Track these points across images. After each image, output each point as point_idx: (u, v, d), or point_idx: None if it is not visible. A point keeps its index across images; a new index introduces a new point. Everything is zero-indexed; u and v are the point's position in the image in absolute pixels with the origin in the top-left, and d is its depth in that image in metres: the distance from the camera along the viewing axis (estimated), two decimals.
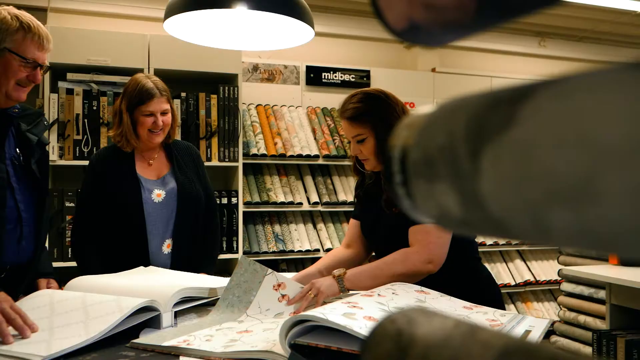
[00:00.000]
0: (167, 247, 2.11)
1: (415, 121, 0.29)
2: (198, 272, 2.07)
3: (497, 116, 0.23)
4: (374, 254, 1.98)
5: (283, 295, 1.58)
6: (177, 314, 1.58)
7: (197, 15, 1.89)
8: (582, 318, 3.43)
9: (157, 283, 1.70)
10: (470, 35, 0.29)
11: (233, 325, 1.45)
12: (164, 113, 2.10)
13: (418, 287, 1.51)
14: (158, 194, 2.11)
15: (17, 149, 1.77)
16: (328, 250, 3.88)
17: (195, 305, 1.64)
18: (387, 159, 0.30)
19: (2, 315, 1.32)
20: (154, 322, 1.49)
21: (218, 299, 1.71)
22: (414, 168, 0.28)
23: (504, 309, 1.76)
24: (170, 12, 1.82)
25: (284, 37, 2.04)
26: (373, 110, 1.75)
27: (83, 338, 1.29)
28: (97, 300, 1.49)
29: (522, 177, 0.21)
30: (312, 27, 1.88)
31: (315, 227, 4.02)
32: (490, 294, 1.76)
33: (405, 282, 1.58)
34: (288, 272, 3.88)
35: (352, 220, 2.02)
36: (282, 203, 3.84)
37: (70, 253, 3.27)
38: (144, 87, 2.08)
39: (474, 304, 1.45)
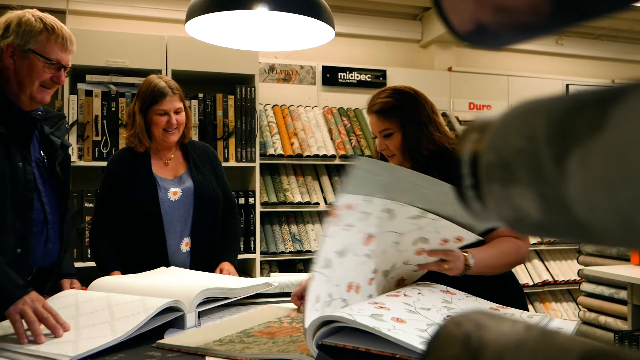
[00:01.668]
0: (185, 246, 2.12)
1: (485, 124, 0.29)
2: (219, 261, 2.10)
3: (584, 120, 0.23)
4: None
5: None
6: (200, 315, 1.59)
7: (219, 17, 1.89)
8: (602, 319, 3.39)
9: (180, 283, 1.71)
10: (540, 36, 0.28)
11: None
12: (177, 112, 2.12)
13: (443, 287, 1.50)
14: (174, 192, 2.12)
15: (41, 152, 1.78)
16: None
17: (218, 306, 1.65)
18: (455, 161, 0.30)
19: (34, 314, 1.33)
20: (177, 323, 1.50)
21: (240, 299, 1.72)
22: (487, 171, 0.27)
23: (527, 309, 1.75)
24: (192, 14, 1.82)
25: (305, 37, 2.04)
26: (402, 106, 1.74)
27: (110, 338, 1.30)
28: (122, 301, 1.51)
29: (615, 181, 0.21)
30: (333, 27, 1.88)
31: None
32: (514, 294, 1.75)
33: (507, 270, 1.66)
34: (305, 272, 3.89)
35: None
36: (299, 203, 3.84)
37: (89, 253, 3.30)
38: (156, 86, 2.10)
39: (500, 305, 1.44)
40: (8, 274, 1.44)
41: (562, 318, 4.43)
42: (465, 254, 1.51)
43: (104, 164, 3.33)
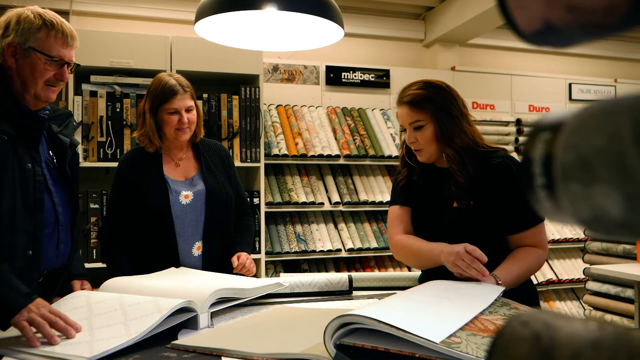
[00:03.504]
0: (197, 250, 2.08)
1: (557, 123, 0.29)
2: (233, 253, 2.06)
3: None
4: None
5: None
6: (212, 315, 1.58)
7: (229, 17, 1.89)
8: (608, 317, 3.39)
9: (192, 284, 1.70)
10: (609, 36, 0.28)
11: None
12: (188, 110, 2.07)
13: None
14: (186, 196, 2.08)
15: (50, 152, 1.75)
16: (350, 250, 3.88)
17: (231, 306, 1.65)
18: (525, 160, 0.30)
19: (43, 319, 1.32)
20: (190, 323, 1.49)
21: (251, 299, 1.72)
22: (564, 171, 0.27)
23: (539, 306, 1.76)
24: (201, 15, 1.82)
25: (315, 36, 2.04)
26: (434, 98, 1.73)
27: (124, 339, 1.30)
28: (135, 301, 1.50)
29: None
30: (342, 26, 1.88)
31: (336, 227, 4.02)
32: (529, 292, 1.76)
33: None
34: (310, 272, 3.89)
35: (400, 208, 1.90)
36: (304, 203, 3.84)
37: (95, 254, 3.30)
38: (166, 84, 2.05)
39: (519, 304, 1.44)
40: (12, 283, 1.42)
41: None
42: (498, 281, 1.57)
43: (109, 164, 3.35)
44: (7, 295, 1.38)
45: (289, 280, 1.93)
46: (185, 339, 1.37)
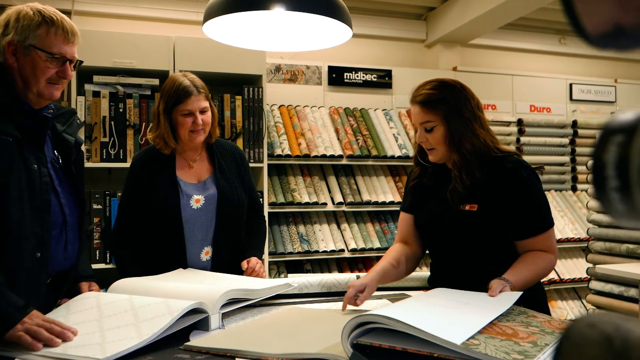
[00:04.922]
0: (205, 255, 2.04)
1: (631, 126, 0.29)
2: (244, 258, 2.03)
3: None
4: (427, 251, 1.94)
5: None
6: (223, 316, 1.58)
7: (238, 18, 1.88)
8: None
9: (202, 285, 1.70)
10: None
11: None
12: (203, 111, 2.02)
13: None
14: (197, 200, 2.03)
15: (55, 151, 1.71)
16: (353, 250, 3.87)
17: (241, 307, 1.64)
18: (597, 164, 0.30)
19: (38, 327, 1.32)
20: (202, 325, 1.49)
21: (260, 300, 1.72)
22: None
23: (547, 308, 1.76)
24: (209, 15, 1.81)
25: (324, 37, 2.04)
26: (447, 99, 1.71)
27: (136, 340, 1.29)
28: (145, 303, 1.49)
29: None
30: (350, 26, 1.88)
31: (339, 227, 4.01)
32: (539, 294, 1.76)
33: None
34: (313, 272, 3.88)
35: (404, 215, 1.94)
36: (307, 203, 3.83)
37: (98, 255, 3.29)
38: (180, 85, 2.00)
39: (537, 312, 1.44)
40: (8, 297, 1.40)
41: (569, 317, 4.44)
42: (509, 285, 1.55)
43: (112, 165, 3.35)
44: (3, 309, 1.36)
45: (297, 280, 1.93)
46: (198, 340, 1.37)
